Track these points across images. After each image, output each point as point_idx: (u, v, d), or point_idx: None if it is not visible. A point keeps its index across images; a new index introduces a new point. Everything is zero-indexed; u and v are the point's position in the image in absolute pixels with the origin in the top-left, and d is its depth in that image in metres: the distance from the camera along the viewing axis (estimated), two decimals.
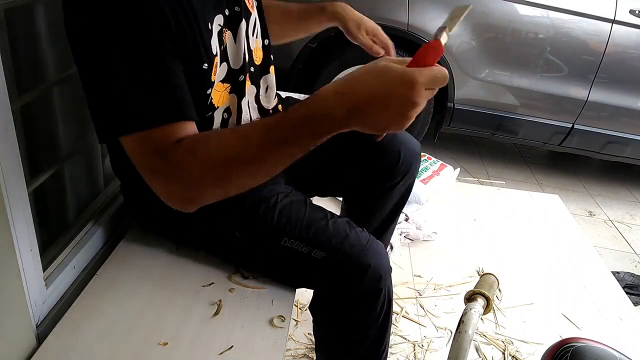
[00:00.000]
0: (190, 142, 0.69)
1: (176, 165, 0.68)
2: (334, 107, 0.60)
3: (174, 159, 0.68)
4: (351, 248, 0.90)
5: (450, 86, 2.51)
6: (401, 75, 0.59)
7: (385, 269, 0.92)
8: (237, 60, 0.89)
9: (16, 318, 0.81)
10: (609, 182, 3.05)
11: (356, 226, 0.96)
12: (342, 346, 1.04)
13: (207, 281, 0.97)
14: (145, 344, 0.83)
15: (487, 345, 1.55)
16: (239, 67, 0.90)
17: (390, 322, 1.01)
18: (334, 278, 0.92)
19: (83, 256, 1.02)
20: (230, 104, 0.92)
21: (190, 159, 0.67)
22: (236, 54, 0.89)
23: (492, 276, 0.85)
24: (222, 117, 0.91)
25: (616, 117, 2.57)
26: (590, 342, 0.76)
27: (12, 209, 0.76)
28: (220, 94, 0.88)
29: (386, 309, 0.96)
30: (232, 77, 0.89)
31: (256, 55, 0.96)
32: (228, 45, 0.86)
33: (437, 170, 2.29)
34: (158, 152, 0.68)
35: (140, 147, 0.69)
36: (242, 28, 0.88)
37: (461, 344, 0.72)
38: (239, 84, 0.91)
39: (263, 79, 1.00)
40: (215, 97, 0.87)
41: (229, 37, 0.86)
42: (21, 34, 0.91)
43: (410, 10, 2.37)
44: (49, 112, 1.01)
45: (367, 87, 0.60)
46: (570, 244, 2.14)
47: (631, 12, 2.35)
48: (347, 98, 0.60)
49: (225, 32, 0.85)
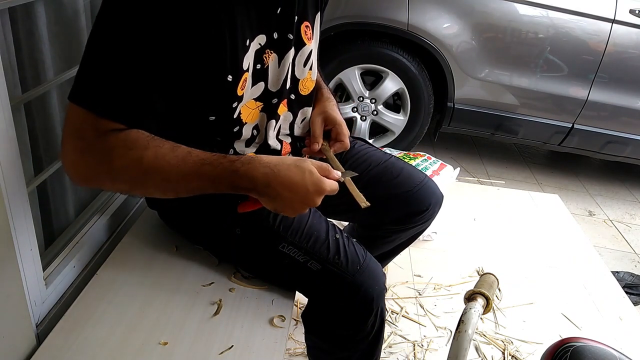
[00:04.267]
0: (130, 139, 0.71)
1: (105, 149, 0.70)
2: (259, 177, 0.73)
3: (108, 143, 0.70)
4: (347, 265, 0.90)
5: (450, 86, 2.51)
6: (317, 181, 0.75)
7: (378, 290, 0.92)
8: (276, 83, 0.91)
9: (16, 318, 0.81)
10: (609, 182, 3.05)
11: (356, 244, 0.96)
12: (331, 357, 1.04)
13: (207, 281, 0.97)
14: (145, 344, 0.83)
15: (487, 345, 1.55)
16: (276, 91, 0.91)
17: (381, 338, 1.01)
18: (326, 291, 0.92)
19: (83, 256, 1.02)
20: (259, 122, 0.93)
21: (122, 152, 0.70)
22: (276, 77, 0.90)
23: (492, 276, 0.85)
24: (251, 133, 0.92)
25: (616, 116, 2.57)
26: (590, 342, 0.76)
27: (12, 208, 0.76)
28: (252, 111, 0.89)
29: (377, 327, 0.96)
30: (266, 97, 0.91)
31: (305, 85, 0.98)
32: (270, 67, 0.88)
33: (437, 170, 2.28)
34: (97, 131, 0.70)
35: (82, 119, 0.70)
36: (289, 55, 0.90)
37: (461, 343, 0.72)
38: (271, 106, 0.92)
39: (303, 110, 1.01)
40: (244, 112, 0.88)
41: (273, 60, 0.88)
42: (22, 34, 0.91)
43: (410, 10, 2.37)
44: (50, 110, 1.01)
45: (290, 175, 0.74)
46: (570, 243, 2.14)
47: (631, 12, 2.35)
48: (272, 176, 0.73)
49: (270, 54, 0.86)
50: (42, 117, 1.00)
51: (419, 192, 1.13)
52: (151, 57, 0.70)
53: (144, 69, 0.70)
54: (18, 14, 0.88)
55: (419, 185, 1.13)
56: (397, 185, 1.12)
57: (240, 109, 0.86)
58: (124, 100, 0.71)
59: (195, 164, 0.72)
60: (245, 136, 0.91)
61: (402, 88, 2.53)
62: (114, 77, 0.69)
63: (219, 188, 0.73)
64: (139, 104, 0.72)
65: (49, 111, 1.00)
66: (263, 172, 0.73)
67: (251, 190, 0.74)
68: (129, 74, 0.70)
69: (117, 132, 0.71)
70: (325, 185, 0.76)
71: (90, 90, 0.70)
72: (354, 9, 2.46)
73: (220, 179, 0.72)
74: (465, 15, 2.39)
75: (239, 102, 0.85)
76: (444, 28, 2.40)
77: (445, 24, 2.40)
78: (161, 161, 0.71)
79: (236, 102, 0.84)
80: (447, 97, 2.55)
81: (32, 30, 0.92)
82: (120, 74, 0.69)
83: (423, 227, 1.22)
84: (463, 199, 2.33)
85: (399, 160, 1.16)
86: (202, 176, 0.72)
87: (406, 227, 1.19)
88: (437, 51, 2.41)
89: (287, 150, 1.01)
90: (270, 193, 0.74)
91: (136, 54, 0.69)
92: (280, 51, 0.88)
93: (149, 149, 0.71)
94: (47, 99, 0.99)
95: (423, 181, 1.14)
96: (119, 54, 0.69)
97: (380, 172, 1.12)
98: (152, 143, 0.72)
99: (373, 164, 1.14)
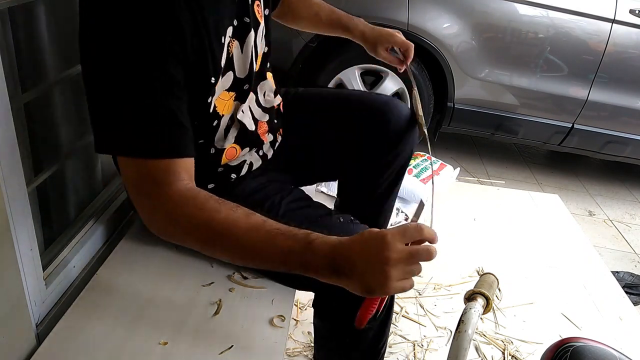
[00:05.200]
0: (201, 197, 0.69)
1: (176, 206, 0.69)
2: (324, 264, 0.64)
3: (179, 200, 0.68)
4: None
5: (450, 86, 2.51)
6: (374, 236, 0.63)
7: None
8: (243, 69, 0.90)
9: (16, 318, 0.81)
10: (609, 182, 3.05)
11: (359, 223, 0.96)
12: (341, 341, 1.04)
13: (207, 281, 0.97)
14: (145, 344, 0.83)
15: (487, 345, 1.55)
16: (245, 76, 0.91)
17: (390, 318, 1.02)
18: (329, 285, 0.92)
19: (83, 256, 1.02)
20: (234, 111, 0.92)
21: (193, 211, 0.68)
22: (242, 63, 0.90)
23: (492, 276, 0.85)
24: (227, 124, 0.91)
25: (616, 116, 2.57)
26: (590, 342, 0.76)
27: (12, 208, 0.76)
28: (226, 102, 0.89)
29: (387, 306, 0.97)
30: (237, 85, 0.90)
31: (256, 62, 0.97)
32: (234, 55, 0.87)
33: (437, 170, 2.29)
34: (156, 181, 0.69)
35: (137, 171, 0.70)
36: (250, 38, 0.89)
37: (461, 343, 0.72)
38: (243, 92, 0.92)
39: (260, 85, 1.01)
40: (220, 105, 0.87)
41: (236, 47, 0.87)
42: (23, 33, 0.91)
43: (410, 10, 2.37)
44: (50, 110, 1.01)
45: (350, 246, 0.64)
46: (570, 243, 2.14)
47: (631, 12, 2.35)
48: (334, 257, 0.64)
49: (233, 42, 0.85)
50: (42, 117, 1.00)
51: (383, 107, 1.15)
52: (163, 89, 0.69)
53: (158, 105, 0.69)
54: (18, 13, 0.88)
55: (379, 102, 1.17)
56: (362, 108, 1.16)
57: (215, 102, 0.86)
58: (160, 132, 0.69)
59: (269, 233, 0.66)
60: (222, 128, 0.90)
61: (402, 88, 2.53)
62: (141, 117, 0.68)
63: (289, 264, 0.66)
64: (174, 132, 0.71)
65: (49, 111, 1.00)
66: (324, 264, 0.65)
67: (325, 267, 0.65)
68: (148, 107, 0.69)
69: (185, 188, 0.70)
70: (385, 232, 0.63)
71: (129, 137, 0.69)
72: (353, 8, 2.46)
73: (293, 252, 0.65)
74: (465, 15, 2.39)
75: (213, 96, 0.84)
76: (444, 28, 2.40)
77: (445, 24, 2.40)
78: (233, 226, 0.67)
79: (210, 96, 0.83)
80: (447, 97, 2.55)
81: (32, 30, 0.92)
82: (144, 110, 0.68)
83: (400, 156, 1.19)
84: (463, 199, 2.33)
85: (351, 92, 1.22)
86: (275, 248, 0.66)
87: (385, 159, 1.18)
88: (437, 51, 2.41)
89: (264, 129, 1.01)
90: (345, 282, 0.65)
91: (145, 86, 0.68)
92: (240, 37, 0.87)
93: (220, 212, 0.68)
94: (48, 98, 0.99)
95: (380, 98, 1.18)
96: (135, 93, 0.68)
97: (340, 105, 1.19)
98: (224, 206, 0.69)
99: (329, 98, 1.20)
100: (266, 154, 1.05)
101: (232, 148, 0.96)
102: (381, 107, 1.15)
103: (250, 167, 1.02)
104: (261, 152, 1.04)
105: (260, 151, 1.03)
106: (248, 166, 1.02)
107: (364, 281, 0.63)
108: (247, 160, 1.01)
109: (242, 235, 0.67)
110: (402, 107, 1.18)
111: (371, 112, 1.15)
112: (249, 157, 1.01)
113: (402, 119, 1.16)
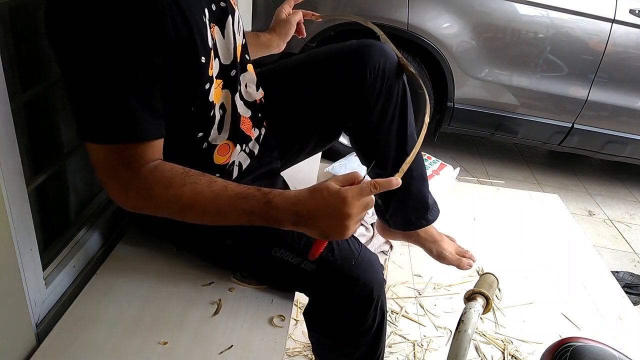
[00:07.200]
0: (166, 176, 0.73)
1: (145, 187, 0.73)
2: (285, 218, 0.73)
3: (146, 181, 0.73)
4: (341, 261, 0.90)
5: (450, 86, 2.51)
6: (335, 193, 0.72)
7: (376, 281, 0.92)
8: (227, 55, 0.89)
9: (16, 317, 0.81)
10: (609, 182, 3.05)
11: (350, 238, 0.95)
12: (335, 352, 1.03)
13: (207, 281, 0.97)
14: (145, 344, 0.83)
15: (487, 345, 1.55)
16: (230, 63, 0.90)
17: (384, 330, 1.01)
18: (324, 289, 0.92)
19: (83, 255, 1.02)
20: (224, 100, 0.92)
21: (160, 190, 0.73)
22: (226, 49, 0.89)
23: (492, 276, 0.85)
24: (219, 114, 0.91)
25: (616, 116, 2.57)
26: (590, 342, 0.76)
27: (12, 208, 0.76)
28: (215, 90, 0.88)
29: (379, 320, 0.96)
30: (224, 72, 0.89)
31: (236, 52, 0.96)
32: (217, 40, 0.87)
33: (437, 170, 2.29)
34: (129, 166, 0.72)
35: (109, 158, 0.72)
36: (229, 23, 0.89)
37: (461, 343, 0.72)
38: (231, 79, 0.91)
39: (242, 76, 0.99)
40: (212, 94, 0.87)
41: (217, 32, 0.87)
42: (23, 33, 0.91)
43: (410, 10, 2.37)
44: (50, 110, 1.01)
45: (310, 203, 0.72)
46: (569, 243, 2.14)
47: (631, 11, 2.35)
48: (296, 212, 0.73)
49: (213, 27, 0.85)
50: (43, 117, 1.00)
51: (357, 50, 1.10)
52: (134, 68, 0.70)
53: (132, 82, 0.70)
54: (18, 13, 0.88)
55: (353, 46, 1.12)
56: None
57: (213, 90, 0.86)
58: (129, 119, 0.71)
59: (231, 199, 0.73)
60: (215, 118, 0.90)
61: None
62: (110, 103, 0.70)
63: (253, 221, 0.74)
64: (144, 116, 0.72)
65: (50, 111, 1.00)
66: (287, 215, 0.73)
67: (286, 220, 0.73)
68: (121, 93, 0.70)
69: (152, 169, 0.73)
70: (346, 191, 0.72)
71: (97, 125, 0.71)
72: (353, 8, 2.46)
73: (254, 213, 0.73)
74: (465, 15, 2.39)
75: (211, 83, 0.84)
76: (443, 28, 2.40)
77: (445, 24, 2.40)
78: (199, 197, 0.73)
79: (208, 83, 0.83)
80: (447, 96, 2.55)
81: (32, 29, 0.91)
82: (114, 96, 0.70)
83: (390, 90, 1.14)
84: (463, 198, 2.33)
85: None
86: (238, 210, 0.73)
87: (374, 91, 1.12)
88: (437, 51, 2.41)
89: (248, 125, 1.00)
90: (305, 229, 0.74)
91: (120, 72, 0.69)
92: (220, 22, 0.87)
93: (186, 186, 0.73)
94: (48, 98, 0.99)
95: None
96: (105, 81, 0.69)
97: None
98: (188, 180, 0.74)
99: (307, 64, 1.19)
100: (252, 151, 1.04)
101: (225, 145, 0.95)
102: (353, 50, 1.10)
103: (240, 169, 1.02)
104: (248, 150, 1.02)
105: (247, 148, 1.02)
106: (238, 168, 1.01)
107: (324, 230, 0.73)
108: (236, 162, 1.00)
109: (207, 204, 0.73)
110: (375, 44, 1.10)
111: (345, 57, 1.10)
112: (237, 158, 1.00)
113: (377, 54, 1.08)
